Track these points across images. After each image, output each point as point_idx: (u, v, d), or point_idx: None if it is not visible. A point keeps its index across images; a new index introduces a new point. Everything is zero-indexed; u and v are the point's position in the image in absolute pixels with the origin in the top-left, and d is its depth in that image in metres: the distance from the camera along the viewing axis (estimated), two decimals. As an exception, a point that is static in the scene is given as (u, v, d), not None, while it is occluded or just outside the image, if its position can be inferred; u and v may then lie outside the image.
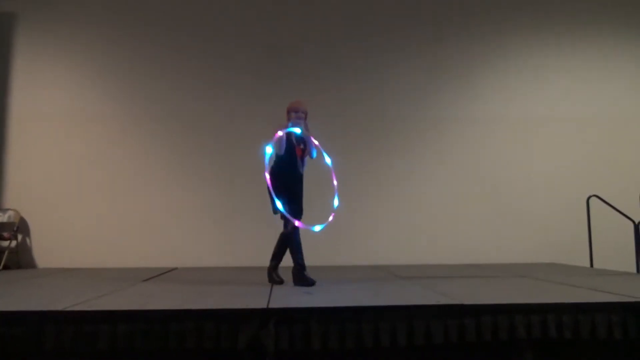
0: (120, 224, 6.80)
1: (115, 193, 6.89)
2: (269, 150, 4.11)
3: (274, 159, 4.29)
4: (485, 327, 2.94)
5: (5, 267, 6.28)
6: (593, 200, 6.56)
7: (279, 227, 6.55)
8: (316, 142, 4.42)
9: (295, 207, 4.26)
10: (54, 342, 2.70)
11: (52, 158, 6.88)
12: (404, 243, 6.91)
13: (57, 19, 7.09)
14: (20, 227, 6.64)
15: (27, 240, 6.76)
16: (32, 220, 6.77)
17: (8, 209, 6.65)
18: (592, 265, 6.48)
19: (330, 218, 4.31)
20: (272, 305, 3.13)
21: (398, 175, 7.16)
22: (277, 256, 4.50)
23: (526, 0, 7.58)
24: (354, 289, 4.04)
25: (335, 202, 4.46)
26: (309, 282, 4.19)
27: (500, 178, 7.23)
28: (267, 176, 4.09)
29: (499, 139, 7.34)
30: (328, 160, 4.48)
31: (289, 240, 4.34)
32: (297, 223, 4.11)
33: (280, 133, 4.14)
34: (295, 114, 4.35)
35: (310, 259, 5.62)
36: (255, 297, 3.50)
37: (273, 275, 4.44)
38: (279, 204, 4.05)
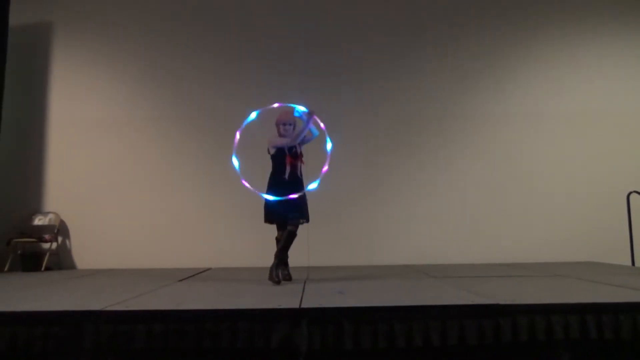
0: (156, 225, 6.91)
1: (150, 195, 7.01)
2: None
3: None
4: (521, 327, 2.88)
5: (47, 269, 6.48)
6: (634, 196, 6.34)
7: (307, 227, 6.60)
8: (322, 125, 4.51)
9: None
10: (92, 341, 2.77)
11: (90, 162, 7.06)
12: (437, 242, 6.82)
13: (92, 28, 7.27)
14: (60, 230, 6.84)
15: (67, 242, 6.96)
16: (71, 222, 6.96)
17: (49, 212, 6.87)
18: (633, 263, 6.26)
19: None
20: (305, 305, 3.14)
21: (430, 175, 7.08)
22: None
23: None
24: (386, 289, 4.01)
25: (312, 186, 4.56)
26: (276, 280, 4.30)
27: (536, 175, 7.06)
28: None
29: (535, 135, 7.16)
30: (329, 145, 4.52)
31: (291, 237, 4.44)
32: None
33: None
34: (283, 126, 4.45)
35: (343, 258, 5.65)
36: (287, 297, 3.51)
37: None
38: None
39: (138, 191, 7.01)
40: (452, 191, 7.04)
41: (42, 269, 6.43)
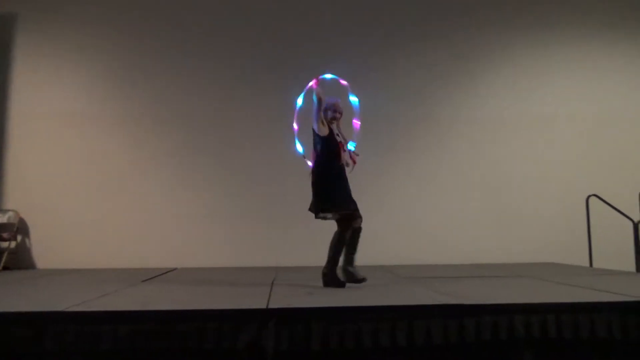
0: (119, 225, 6.80)
1: (114, 193, 6.89)
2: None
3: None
4: (485, 327, 2.94)
5: (5, 268, 6.27)
6: (592, 199, 6.57)
7: (280, 226, 6.61)
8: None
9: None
10: (55, 343, 2.70)
11: (51, 159, 6.88)
12: (405, 243, 6.90)
13: (57, 20, 7.09)
14: (19, 228, 6.64)
15: (27, 241, 6.77)
16: (31, 221, 6.77)
17: (8, 210, 6.65)
18: (591, 264, 6.49)
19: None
20: (272, 305, 3.13)
21: (398, 176, 7.17)
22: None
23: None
24: (355, 289, 4.04)
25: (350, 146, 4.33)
26: (341, 284, 4.11)
27: (500, 178, 7.24)
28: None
29: (499, 139, 7.35)
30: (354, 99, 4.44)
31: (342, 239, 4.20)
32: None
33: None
34: (333, 113, 4.23)
35: (311, 258, 5.65)
36: (255, 298, 3.50)
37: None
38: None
39: (101, 189, 6.88)
40: (418, 193, 7.15)
41: (0, 268, 6.22)
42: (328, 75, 4.45)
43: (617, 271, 5.59)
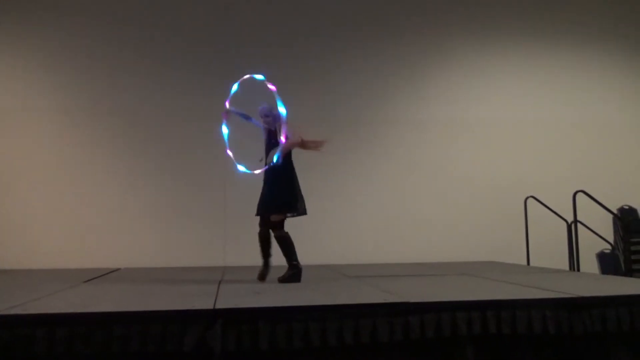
0: (60, 223, 6.55)
1: (56, 191, 6.63)
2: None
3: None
4: (429, 324, 3.02)
5: None
6: (530, 201, 6.86)
7: (223, 226, 6.54)
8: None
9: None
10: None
11: (4, 154, 6.55)
12: (351, 242, 6.99)
13: (13, 11, 6.73)
14: (-48, 226, 6.27)
15: (-27, 239, 6.40)
16: (-38, 218, 6.41)
17: (-62, 207, 6.26)
18: (528, 263, 6.78)
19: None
20: (219, 305, 3.10)
21: (344, 176, 7.25)
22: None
23: (477, 2, 7.83)
24: (302, 288, 4.05)
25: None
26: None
27: (445, 179, 7.44)
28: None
29: (442, 140, 7.55)
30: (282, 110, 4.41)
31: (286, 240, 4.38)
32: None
33: None
34: (264, 118, 4.46)
35: (259, 258, 5.61)
36: (201, 298, 3.45)
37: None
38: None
39: (45, 187, 6.62)
40: (366, 192, 7.26)
41: None
42: (259, 76, 4.43)
43: (552, 269, 5.86)
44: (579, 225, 6.17)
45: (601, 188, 6.62)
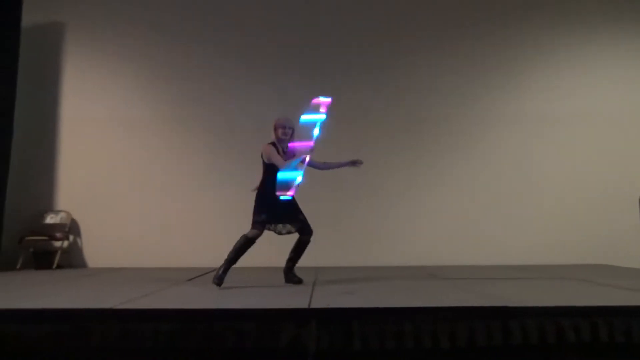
0: (165, 224, 6.93)
1: (160, 194, 7.03)
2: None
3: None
4: (530, 330, 2.85)
5: (58, 267, 6.53)
6: (646, 198, 6.27)
7: (328, 226, 6.61)
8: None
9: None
10: (101, 340, 2.78)
11: (100, 161, 7.10)
12: (445, 244, 6.79)
13: (102, 28, 7.31)
14: (71, 228, 6.89)
15: (78, 240, 7.01)
16: (82, 221, 7.01)
17: (60, 211, 6.92)
18: (646, 266, 6.20)
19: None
20: (314, 305, 3.13)
21: (438, 176, 7.06)
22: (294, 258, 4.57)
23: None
24: (395, 290, 4.00)
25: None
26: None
27: (546, 176, 7.01)
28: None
29: (544, 136, 7.11)
30: (316, 131, 4.20)
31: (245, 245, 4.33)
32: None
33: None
34: (282, 129, 4.30)
35: (351, 259, 5.64)
36: (296, 297, 3.51)
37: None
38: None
39: (148, 190, 7.04)
40: (460, 192, 7.01)
41: (54, 267, 6.49)
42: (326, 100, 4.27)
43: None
44: None
45: None
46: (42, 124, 7.14)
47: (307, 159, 4.03)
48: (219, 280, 4.16)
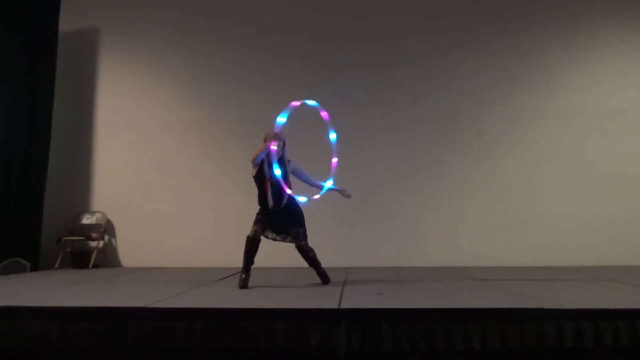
0: (197, 225, 7.01)
1: (192, 195, 7.12)
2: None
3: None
4: (567, 332, 2.77)
5: (94, 266, 6.70)
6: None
7: (346, 227, 6.58)
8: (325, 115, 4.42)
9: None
10: (135, 337, 2.84)
11: (135, 163, 7.24)
12: (479, 243, 6.66)
13: (136, 33, 7.46)
14: (106, 229, 7.06)
15: (113, 240, 7.17)
16: (117, 221, 7.17)
17: (96, 212, 7.10)
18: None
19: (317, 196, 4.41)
20: (344, 305, 3.13)
21: (474, 174, 6.92)
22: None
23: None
24: (426, 291, 3.96)
25: (329, 183, 4.48)
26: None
27: (588, 175, 6.76)
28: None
29: (586, 133, 6.84)
30: (332, 136, 4.47)
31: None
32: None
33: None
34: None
35: (382, 259, 5.58)
36: (326, 298, 3.51)
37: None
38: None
39: (180, 192, 7.14)
40: (496, 191, 6.86)
41: (90, 266, 6.65)
42: (311, 102, 4.36)
43: None
44: None
45: None
46: (78, 127, 7.33)
47: (273, 147, 4.23)
48: (242, 283, 4.22)
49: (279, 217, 4.39)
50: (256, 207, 4.66)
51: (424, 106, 7.08)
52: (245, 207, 7.00)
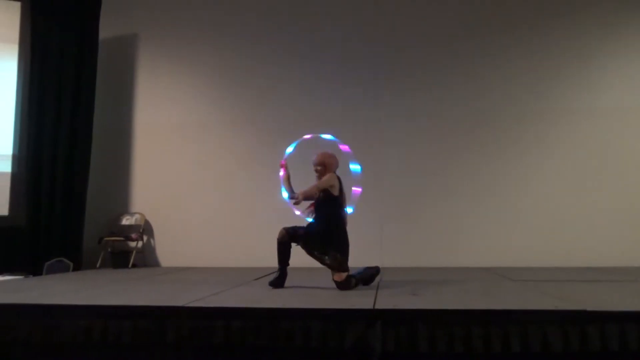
0: (234, 225, 7.09)
1: (230, 196, 7.21)
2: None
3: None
4: (610, 335, 2.69)
5: (134, 265, 6.87)
6: None
7: (380, 227, 6.54)
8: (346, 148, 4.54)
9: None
10: (175, 336, 2.90)
11: (173, 165, 7.38)
12: (518, 244, 6.51)
13: (173, 38, 7.61)
14: (145, 229, 7.22)
15: (152, 241, 7.34)
16: (155, 222, 7.33)
17: (135, 213, 7.28)
18: None
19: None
20: (379, 306, 3.12)
21: (512, 174, 6.79)
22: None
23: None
24: (463, 291, 3.90)
25: (349, 210, 4.51)
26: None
27: (628, 173, 6.56)
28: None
29: (624, 131, 6.67)
30: (356, 167, 4.56)
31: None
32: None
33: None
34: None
35: (417, 259, 5.53)
36: (361, 298, 3.50)
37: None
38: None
39: (218, 193, 7.24)
40: (534, 191, 6.71)
41: (130, 265, 6.82)
42: (327, 136, 4.36)
43: None
44: None
45: None
46: (118, 130, 7.53)
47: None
48: (275, 282, 4.24)
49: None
50: (291, 208, 4.71)
51: (465, 107, 6.98)
52: (282, 209, 7.10)
